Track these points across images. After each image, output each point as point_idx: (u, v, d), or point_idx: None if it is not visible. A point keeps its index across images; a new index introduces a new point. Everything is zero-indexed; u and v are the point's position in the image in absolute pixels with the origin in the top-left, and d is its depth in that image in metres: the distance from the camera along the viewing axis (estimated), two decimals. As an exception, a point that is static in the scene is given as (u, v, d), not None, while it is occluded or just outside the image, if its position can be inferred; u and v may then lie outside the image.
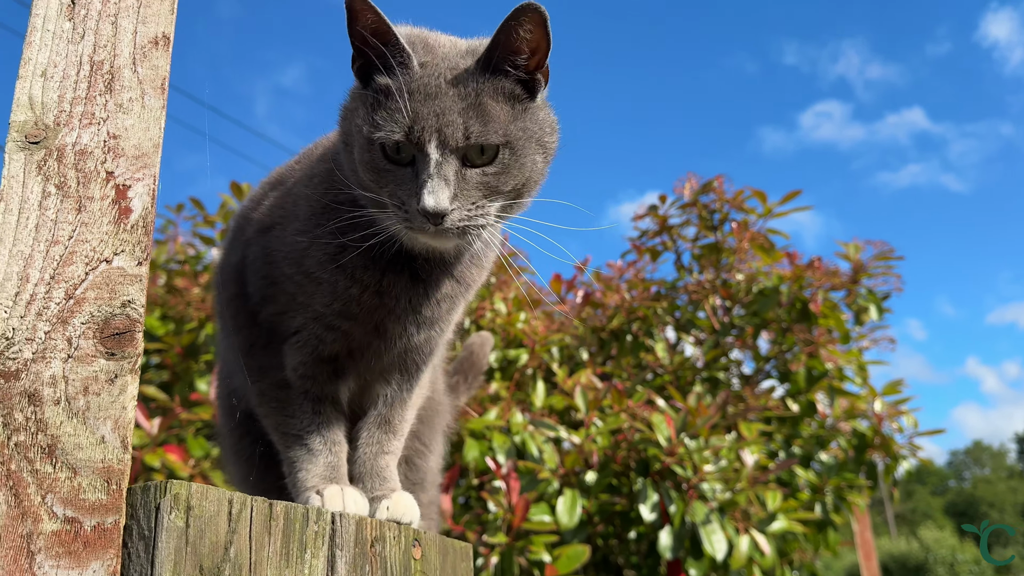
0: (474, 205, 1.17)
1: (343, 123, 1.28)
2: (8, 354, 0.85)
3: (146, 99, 0.97)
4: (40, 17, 0.98)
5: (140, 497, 0.83)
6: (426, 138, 1.14)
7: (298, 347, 1.36)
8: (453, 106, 1.15)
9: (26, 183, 0.91)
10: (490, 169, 1.17)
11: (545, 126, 1.25)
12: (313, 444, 1.34)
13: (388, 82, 1.18)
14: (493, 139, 1.16)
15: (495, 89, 1.19)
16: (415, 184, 1.15)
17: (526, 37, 1.19)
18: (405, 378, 1.47)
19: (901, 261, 4.26)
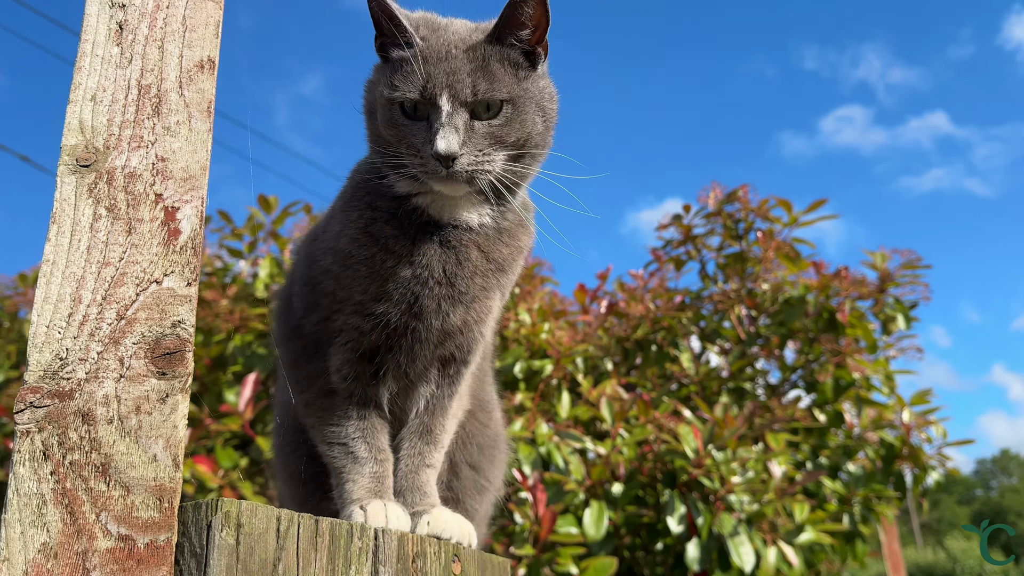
0: (480, 152, 1.31)
1: (367, 95, 1.44)
2: (62, 374, 0.87)
3: (193, 122, 0.98)
4: (89, 43, 1.00)
5: (192, 515, 0.84)
6: (438, 93, 1.30)
7: (340, 346, 1.42)
8: (463, 67, 1.32)
9: (77, 206, 0.93)
10: (495, 122, 1.32)
11: (545, 93, 1.41)
12: (358, 451, 1.38)
13: (404, 53, 1.34)
14: (498, 95, 1.32)
15: (500, 56, 1.35)
16: (429, 133, 1.30)
17: (529, 13, 1.35)
18: (445, 377, 1.49)
19: (928, 270, 4.22)
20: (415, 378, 1.47)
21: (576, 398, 3.90)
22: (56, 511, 0.82)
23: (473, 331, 1.46)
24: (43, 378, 0.86)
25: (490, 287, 1.45)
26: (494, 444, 1.71)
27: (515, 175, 1.38)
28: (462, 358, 1.49)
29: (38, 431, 0.85)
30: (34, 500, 0.82)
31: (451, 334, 1.43)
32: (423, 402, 1.49)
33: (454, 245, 1.39)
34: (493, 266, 1.43)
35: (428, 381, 1.48)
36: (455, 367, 1.49)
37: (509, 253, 1.46)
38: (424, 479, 1.43)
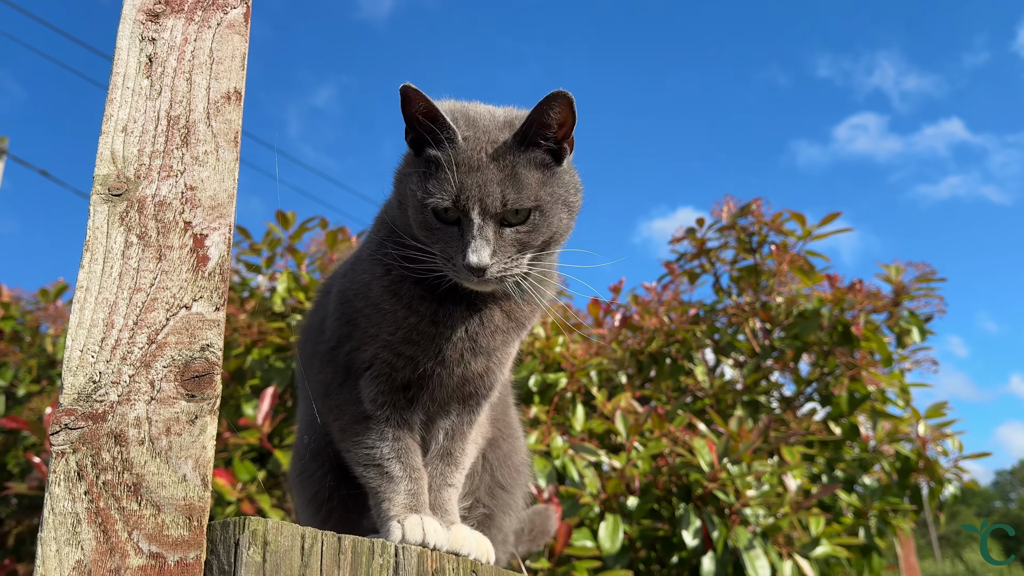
0: (510, 259, 1.37)
1: (398, 185, 1.49)
2: (95, 397, 0.90)
3: (220, 152, 1.02)
4: (120, 75, 1.04)
5: (220, 533, 0.87)
6: (470, 206, 1.34)
7: (373, 377, 1.49)
8: (492, 177, 1.36)
9: (109, 233, 0.96)
10: (523, 228, 1.38)
11: (570, 188, 1.46)
12: (393, 471, 1.44)
13: (437, 154, 1.38)
14: (526, 204, 1.37)
15: (528, 160, 1.40)
16: (461, 243, 1.36)
17: (556, 116, 1.39)
18: (465, 409, 1.57)
19: (943, 283, 4.22)
20: (438, 410, 1.55)
21: (590, 411, 3.91)
22: (90, 530, 0.85)
23: (494, 374, 1.56)
24: (77, 400, 0.90)
25: (510, 340, 1.54)
26: (519, 469, 1.79)
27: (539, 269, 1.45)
28: (483, 394, 1.57)
29: (72, 452, 0.88)
30: (69, 519, 0.86)
31: (472, 379, 1.53)
32: (443, 432, 1.56)
33: (479, 308, 1.47)
34: (514, 324, 1.52)
35: (449, 413, 1.56)
36: (475, 400, 1.57)
37: (530, 310, 1.54)
38: (445, 497, 1.49)
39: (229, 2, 1.11)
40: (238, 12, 1.11)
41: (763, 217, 4.34)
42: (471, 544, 1.31)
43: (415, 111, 1.39)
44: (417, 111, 1.39)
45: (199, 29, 1.09)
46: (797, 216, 4.24)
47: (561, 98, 1.37)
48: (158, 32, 1.07)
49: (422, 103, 1.37)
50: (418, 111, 1.38)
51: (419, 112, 1.38)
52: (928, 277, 4.21)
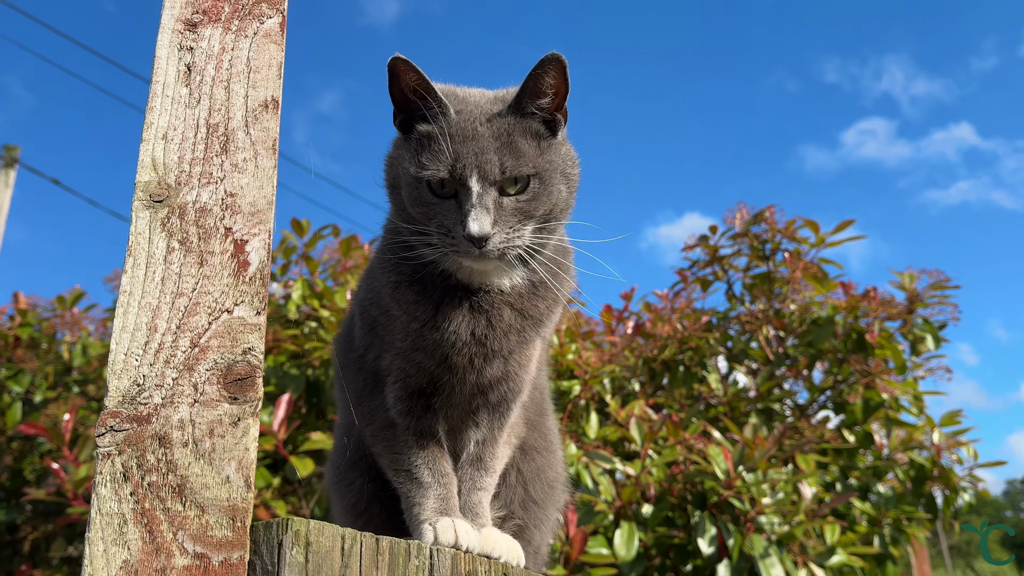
0: (511, 229, 1.32)
1: (389, 170, 1.44)
2: (140, 399, 0.91)
3: (259, 159, 1.04)
4: (160, 84, 1.06)
5: (263, 534, 0.89)
6: (468, 173, 1.30)
7: (392, 383, 1.48)
8: (489, 145, 1.32)
9: (151, 239, 0.98)
10: (523, 197, 1.34)
11: (567, 159, 1.43)
12: (422, 477, 1.43)
13: (429, 128, 1.35)
14: (524, 171, 1.33)
15: (523, 129, 1.36)
16: (459, 214, 1.31)
17: (550, 82, 1.36)
18: (495, 417, 1.53)
19: (957, 290, 4.21)
20: (463, 417, 1.51)
21: (604, 419, 3.91)
22: (136, 530, 0.87)
23: (517, 378, 1.50)
24: (122, 403, 0.91)
25: (528, 339, 1.47)
26: (554, 484, 1.74)
27: (542, 243, 1.40)
28: (509, 399, 1.52)
29: (118, 454, 0.89)
30: (115, 519, 0.87)
31: (491, 384, 1.47)
32: (473, 442, 1.53)
33: (485, 308, 1.41)
34: (529, 321, 1.45)
35: (478, 423, 1.52)
36: (504, 406, 1.53)
37: (546, 306, 1.47)
38: (476, 500, 1.48)
39: (265, 12, 1.13)
40: (274, 22, 1.13)
41: (776, 224, 4.34)
42: (502, 547, 1.32)
43: (405, 85, 1.35)
44: (407, 84, 1.35)
45: (236, 38, 1.11)
46: (810, 224, 4.24)
47: (554, 62, 1.34)
48: (196, 41, 1.09)
49: (413, 75, 1.33)
50: (408, 84, 1.35)
51: (410, 85, 1.35)
52: (942, 284, 4.21)
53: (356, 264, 4.33)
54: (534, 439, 1.70)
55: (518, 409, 1.58)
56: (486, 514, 1.47)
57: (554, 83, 1.36)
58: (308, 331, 4.03)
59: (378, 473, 1.55)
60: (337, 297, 3.92)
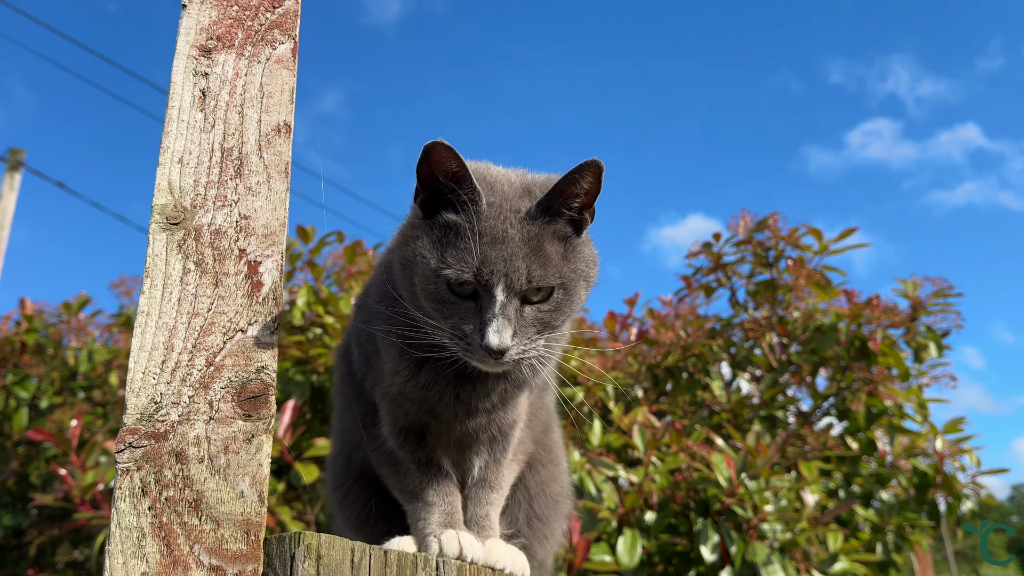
0: (529, 340, 1.27)
1: (402, 248, 1.35)
2: (157, 417, 0.95)
3: (272, 182, 1.07)
4: (175, 109, 1.09)
5: (276, 547, 0.91)
6: (494, 281, 1.24)
7: (386, 419, 1.49)
8: (518, 251, 1.25)
9: (168, 261, 1.01)
10: (544, 307, 1.28)
11: (590, 262, 1.37)
12: (428, 497, 1.45)
13: (457, 219, 1.27)
14: (551, 282, 1.28)
15: (552, 232, 1.31)
16: (479, 320, 1.25)
17: (584, 187, 1.31)
18: (494, 447, 1.54)
19: (960, 297, 4.23)
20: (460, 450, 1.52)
21: (607, 425, 3.94)
22: (154, 543, 0.90)
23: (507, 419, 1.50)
24: (140, 420, 0.94)
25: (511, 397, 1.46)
26: (558, 499, 1.76)
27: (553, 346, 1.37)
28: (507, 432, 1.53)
29: (137, 469, 0.92)
30: (134, 533, 0.90)
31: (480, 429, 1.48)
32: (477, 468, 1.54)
33: (471, 378, 1.39)
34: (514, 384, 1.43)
35: (479, 453, 1.52)
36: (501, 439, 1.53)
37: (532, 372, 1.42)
38: (483, 513, 1.50)
39: (277, 38, 1.16)
40: (286, 48, 1.16)
41: (780, 232, 4.37)
42: (506, 558, 1.34)
43: (440, 170, 1.26)
44: (443, 170, 1.26)
45: (249, 64, 1.14)
46: (814, 231, 4.27)
47: (593, 168, 1.28)
48: (210, 67, 1.13)
49: (452, 163, 1.25)
50: (445, 170, 1.26)
51: (446, 171, 1.26)
52: (945, 292, 4.22)
53: (360, 270, 4.36)
54: (538, 452, 1.72)
55: (519, 433, 1.59)
56: (493, 526, 1.49)
57: (588, 187, 1.32)
58: (313, 337, 4.06)
59: (381, 486, 1.58)
60: (342, 303, 3.95)
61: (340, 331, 3.77)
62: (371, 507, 1.59)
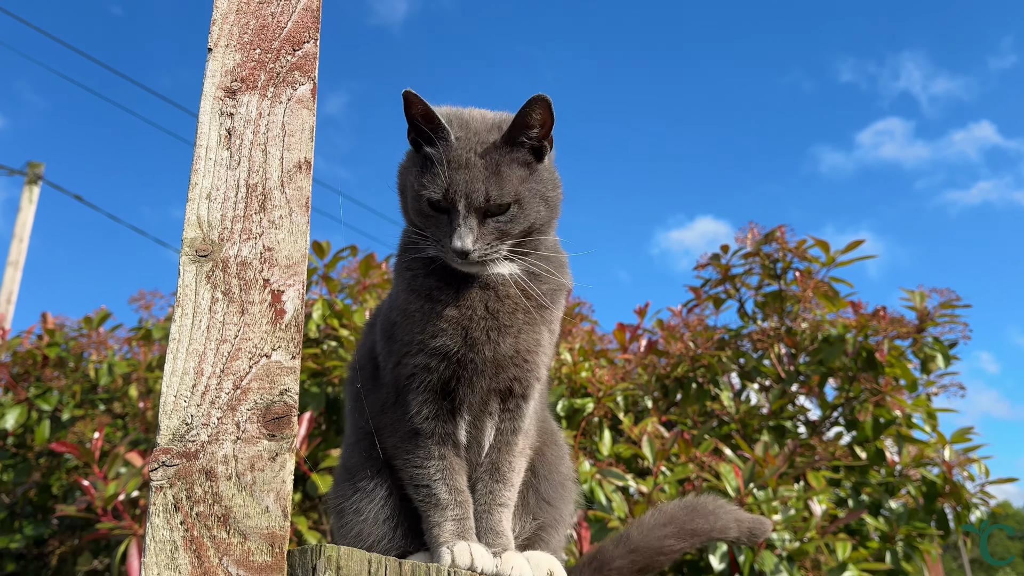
0: (489, 245, 1.56)
1: (400, 177, 1.70)
2: (188, 437, 1.02)
3: (294, 216, 1.14)
4: (203, 147, 1.17)
5: (299, 559, 0.98)
6: (458, 199, 1.54)
7: (415, 388, 1.60)
8: (478, 175, 1.55)
9: (198, 290, 1.09)
10: (503, 218, 1.57)
11: (548, 184, 1.65)
12: (440, 494, 1.55)
13: (433, 152, 1.58)
14: (506, 199, 1.56)
15: (512, 158, 1.60)
16: (449, 228, 1.55)
17: (537, 118, 1.59)
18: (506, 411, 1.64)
19: (968, 309, 4.26)
20: (479, 411, 1.62)
21: (617, 436, 3.99)
22: (186, 556, 0.97)
23: (527, 362, 1.64)
24: (172, 440, 1.02)
25: (534, 321, 1.64)
26: (564, 483, 1.83)
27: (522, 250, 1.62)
28: (521, 392, 1.64)
29: (169, 487, 1.00)
30: (168, 546, 0.97)
31: (505, 365, 1.61)
32: (489, 440, 1.64)
33: (492, 287, 1.61)
34: (533, 303, 1.63)
35: (491, 414, 1.64)
36: (514, 401, 1.64)
37: (548, 289, 1.66)
38: (497, 519, 1.56)
39: (297, 79, 1.24)
40: (306, 88, 1.24)
41: (787, 244, 4.42)
42: (519, 570, 1.40)
43: (414, 113, 1.59)
44: (416, 113, 1.58)
45: (271, 104, 1.21)
46: (821, 243, 4.32)
47: (541, 101, 1.56)
48: (235, 108, 1.20)
49: (420, 106, 1.57)
50: (417, 113, 1.58)
51: (418, 114, 1.58)
52: (952, 304, 4.26)
53: (374, 283, 4.43)
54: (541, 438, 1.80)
55: (532, 415, 1.69)
56: (506, 533, 1.55)
57: (540, 117, 1.59)
58: (328, 349, 4.13)
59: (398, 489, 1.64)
60: (356, 316, 4.03)
61: (355, 343, 3.84)
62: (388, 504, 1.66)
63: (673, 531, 1.94)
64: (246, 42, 1.24)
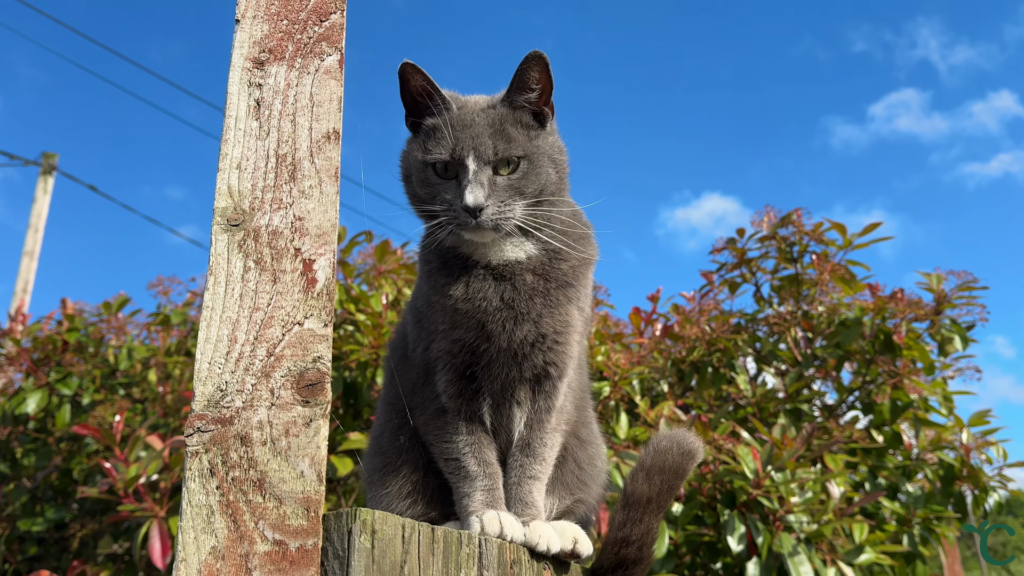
0: (503, 203, 1.51)
1: (403, 163, 1.67)
2: (223, 403, 1.03)
3: (323, 186, 1.15)
4: (232, 118, 1.18)
5: (334, 522, 0.99)
6: (465, 154, 1.52)
7: (441, 370, 1.61)
8: (484, 132, 1.53)
9: (230, 259, 1.10)
10: (514, 175, 1.54)
11: (555, 147, 1.63)
12: (469, 466, 1.55)
13: (435, 121, 1.57)
14: (515, 152, 1.54)
15: (514, 119, 1.58)
16: (459, 189, 1.51)
17: (535, 76, 1.57)
18: (540, 393, 1.62)
19: (985, 291, 4.24)
20: (508, 394, 1.61)
21: (634, 419, 3.99)
22: (222, 520, 0.98)
23: (557, 344, 1.60)
24: (207, 407, 1.03)
25: (557, 302, 1.60)
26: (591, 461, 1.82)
27: (535, 218, 1.57)
28: (556, 373, 1.62)
29: (205, 452, 1.01)
30: (204, 511, 0.98)
31: (528, 351, 1.58)
32: (523, 421, 1.62)
33: (507, 276, 1.57)
34: (553, 283, 1.59)
35: (522, 401, 1.62)
36: (549, 383, 1.62)
37: (570, 267, 1.62)
38: (527, 490, 1.56)
39: (325, 50, 1.24)
40: (333, 59, 1.24)
41: (804, 227, 4.40)
42: (547, 538, 1.40)
43: (413, 88, 1.56)
44: (415, 87, 1.56)
45: (299, 75, 1.22)
46: (838, 226, 4.30)
47: (537, 60, 1.54)
48: (263, 78, 1.21)
49: (420, 78, 1.55)
50: (416, 87, 1.56)
51: (417, 87, 1.56)
52: (969, 286, 4.23)
53: (390, 268, 4.45)
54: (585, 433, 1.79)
55: (565, 391, 1.67)
56: (537, 504, 1.54)
57: (538, 78, 1.57)
58: (344, 334, 4.15)
59: (427, 464, 1.66)
60: (372, 301, 4.04)
61: (371, 328, 3.85)
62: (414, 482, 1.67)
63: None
64: (273, 13, 1.25)
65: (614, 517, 1.72)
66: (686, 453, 1.76)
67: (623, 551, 1.67)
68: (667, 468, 1.71)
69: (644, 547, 1.69)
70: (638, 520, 1.67)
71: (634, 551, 1.67)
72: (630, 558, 1.67)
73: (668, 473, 1.71)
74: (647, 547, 1.70)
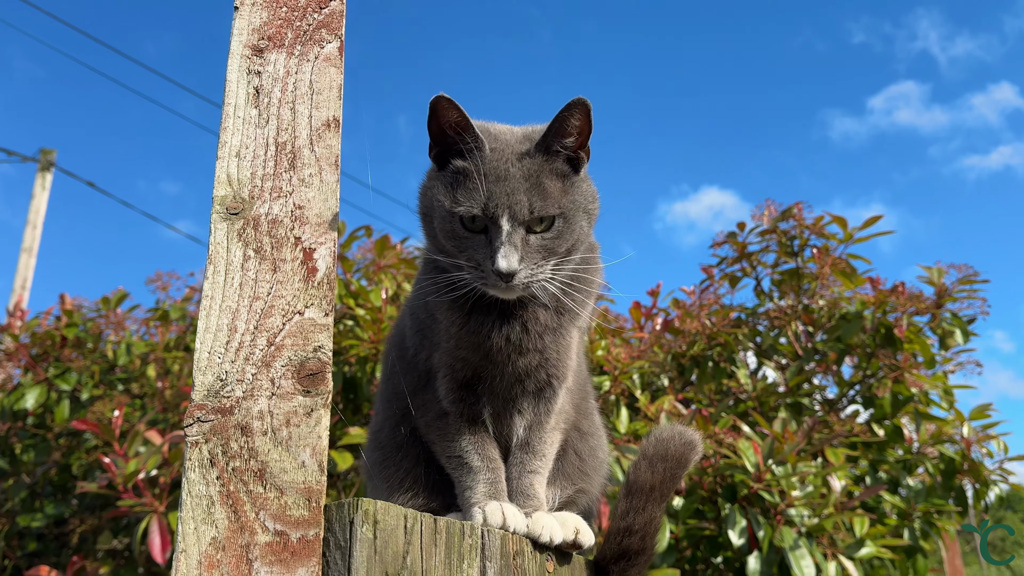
0: (535, 265, 1.42)
1: (423, 199, 1.54)
2: (223, 393, 1.02)
3: (323, 174, 1.14)
4: (231, 106, 1.16)
5: (336, 513, 0.98)
6: (499, 213, 1.40)
7: (443, 377, 1.60)
8: (519, 186, 1.41)
9: (229, 248, 1.09)
10: (548, 235, 1.44)
11: (588, 196, 1.52)
12: (472, 462, 1.54)
13: (465, 164, 1.44)
14: (551, 211, 1.43)
15: (550, 169, 1.46)
16: (489, 249, 1.40)
17: (575, 124, 1.46)
18: (539, 404, 1.61)
19: (986, 284, 4.23)
20: (506, 404, 1.60)
21: (634, 413, 3.99)
22: (222, 510, 0.97)
23: (553, 366, 1.59)
24: (207, 396, 1.02)
25: (563, 331, 1.57)
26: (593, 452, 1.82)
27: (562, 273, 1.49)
28: (557, 384, 1.61)
29: (205, 442, 1.00)
30: (204, 501, 0.97)
31: (529, 373, 1.56)
32: (522, 427, 1.62)
33: (519, 314, 1.51)
34: (566, 317, 1.55)
35: (521, 411, 1.61)
36: (550, 390, 1.61)
37: (580, 299, 1.55)
38: (527, 483, 1.56)
39: (324, 37, 1.23)
40: (333, 46, 1.23)
41: (804, 221, 4.39)
42: (550, 529, 1.40)
43: (445, 122, 1.43)
44: (447, 121, 1.43)
45: (299, 63, 1.21)
46: (838, 219, 4.29)
47: (580, 106, 1.44)
48: (263, 66, 1.20)
49: (455, 113, 1.42)
50: (449, 122, 1.43)
51: (450, 123, 1.43)
52: (970, 279, 4.22)
53: (389, 263, 4.43)
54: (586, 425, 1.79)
55: (564, 395, 1.66)
56: (538, 496, 1.54)
57: (579, 124, 1.46)
58: (344, 329, 4.14)
59: (427, 457, 1.65)
60: (372, 296, 4.03)
61: (371, 323, 3.84)
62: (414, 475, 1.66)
63: None
64: (272, 0, 1.23)
65: (617, 507, 1.72)
66: (688, 443, 1.76)
67: (626, 541, 1.66)
68: (670, 456, 1.71)
69: (647, 537, 1.68)
70: (641, 508, 1.67)
71: (637, 541, 1.66)
72: (633, 548, 1.67)
73: (671, 461, 1.71)
74: (650, 537, 1.69)
